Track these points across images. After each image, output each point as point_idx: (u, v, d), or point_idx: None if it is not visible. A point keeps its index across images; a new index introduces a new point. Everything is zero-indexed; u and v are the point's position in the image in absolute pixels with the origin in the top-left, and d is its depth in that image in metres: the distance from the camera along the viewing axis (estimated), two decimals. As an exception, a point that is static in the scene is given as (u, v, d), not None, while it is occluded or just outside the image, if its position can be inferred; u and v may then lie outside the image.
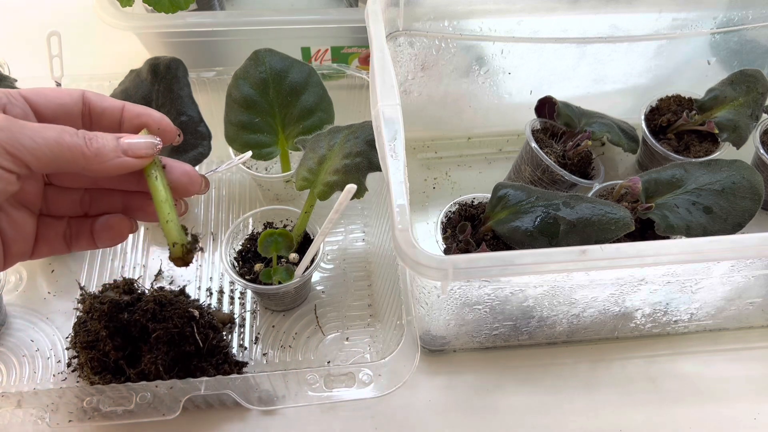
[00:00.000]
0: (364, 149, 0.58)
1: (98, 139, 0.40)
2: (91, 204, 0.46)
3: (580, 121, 0.71)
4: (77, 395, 0.52)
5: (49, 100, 0.41)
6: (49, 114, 0.42)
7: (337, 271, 0.70)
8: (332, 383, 0.53)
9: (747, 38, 0.76)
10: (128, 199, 0.47)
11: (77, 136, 0.39)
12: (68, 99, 0.42)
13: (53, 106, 0.42)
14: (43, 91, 0.42)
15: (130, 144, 0.41)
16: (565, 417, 0.61)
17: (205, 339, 0.57)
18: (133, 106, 0.45)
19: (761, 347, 0.66)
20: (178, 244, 0.45)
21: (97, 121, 0.44)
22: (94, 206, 0.46)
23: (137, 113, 0.44)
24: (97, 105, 0.43)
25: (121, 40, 0.86)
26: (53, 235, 0.45)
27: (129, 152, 0.41)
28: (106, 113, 0.44)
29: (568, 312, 0.58)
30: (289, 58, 0.68)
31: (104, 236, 0.46)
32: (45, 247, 0.45)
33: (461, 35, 0.70)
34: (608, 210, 0.55)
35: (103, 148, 0.40)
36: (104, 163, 0.40)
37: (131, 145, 0.41)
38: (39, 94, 0.41)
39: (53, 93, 0.42)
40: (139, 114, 0.44)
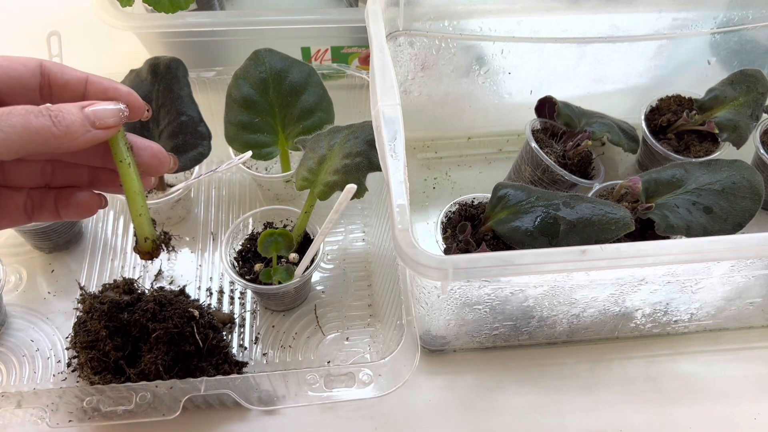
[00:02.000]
0: (364, 149, 0.58)
1: (65, 115, 0.36)
2: (53, 175, 0.43)
3: (580, 121, 0.71)
4: (77, 395, 0.52)
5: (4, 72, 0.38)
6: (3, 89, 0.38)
7: (337, 271, 0.70)
8: (332, 383, 0.53)
9: (747, 38, 0.76)
10: (95, 173, 0.45)
11: (43, 115, 0.36)
12: (24, 70, 0.39)
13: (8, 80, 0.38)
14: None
15: (96, 113, 0.38)
16: (565, 417, 0.61)
17: (205, 339, 0.57)
18: (98, 78, 0.41)
19: (761, 347, 0.66)
20: (149, 239, 0.45)
21: (57, 94, 0.41)
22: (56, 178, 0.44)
23: (103, 87, 0.41)
24: (58, 77, 0.40)
25: (121, 40, 0.86)
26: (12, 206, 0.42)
27: (96, 123, 0.38)
28: (69, 86, 0.40)
29: (568, 312, 0.58)
30: (289, 58, 0.68)
31: (71, 211, 0.44)
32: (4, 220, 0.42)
33: (461, 35, 0.70)
34: (608, 210, 0.55)
35: (72, 124, 0.37)
36: (75, 140, 0.37)
37: (97, 115, 0.38)
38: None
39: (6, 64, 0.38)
40: (105, 88, 0.41)
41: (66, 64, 0.41)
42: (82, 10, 0.93)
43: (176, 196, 0.68)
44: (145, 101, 0.63)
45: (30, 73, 0.39)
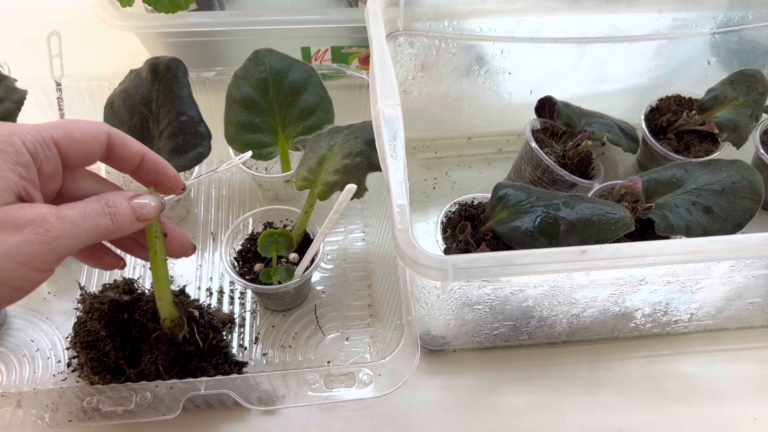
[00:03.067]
0: (364, 149, 0.58)
1: (119, 212, 0.43)
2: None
3: (580, 121, 0.71)
4: (77, 395, 0.52)
5: (79, 149, 0.43)
6: (74, 161, 0.43)
7: (337, 271, 0.70)
8: (332, 383, 0.53)
9: (747, 38, 0.76)
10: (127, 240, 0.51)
11: (105, 214, 0.42)
12: (96, 147, 0.44)
13: (80, 155, 0.43)
14: (73, 135, 0.42)
15: (142, 210, 0.45)
16: (565, 417, 0.61)
17: (204, 339, 0.57)
18: (153, 156, 0.47)
19: (761, 347, 0.66)
20: (168, 319, 0.53)
21: (115, 163, 0.46)
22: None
23: (155, 169, 0.48)
24: (119, 150, 0.45)
25: (121, 40, 0.86)
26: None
27: (140, 217, 0.45)
28: (127, 158, 0.46)
29: (568, 312, 0.58)
30: (289, 58, 0.68)
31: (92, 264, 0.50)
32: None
33: (461, 35, 0.70)
34: (608, 210, 0.55)
35: (125, 220, 0.43)
36: (124, 232, 0.44)
37: (141, 210, 0.45)
38: (69, 140, 0.42)
39: (83, 139, 0.43)
40: (156, 169, 0.48)
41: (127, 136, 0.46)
42: (82, 10, 0.92)
43: (176, 196, 0.68)
44: (145, 101, 0.65)
45: (99, 146, 0.44)
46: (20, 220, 0.38)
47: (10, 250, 0.37)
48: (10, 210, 0.38)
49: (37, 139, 0.40)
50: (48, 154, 0.41)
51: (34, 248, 0.38)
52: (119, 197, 0.44)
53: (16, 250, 0.37)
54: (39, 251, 0.38)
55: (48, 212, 0.39)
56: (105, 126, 0.45)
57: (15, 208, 0.38)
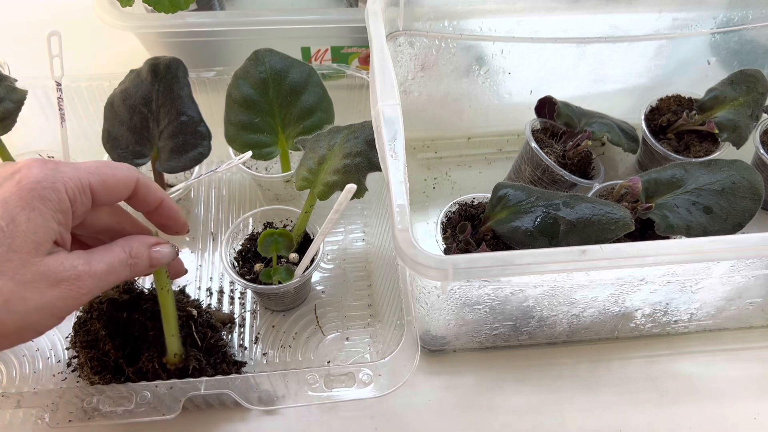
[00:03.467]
0: (364, 149, 0.58)
1: (139, 263, 0.46)
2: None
3: (580, 121, 0.71)
4: (77, 395, 0.52)
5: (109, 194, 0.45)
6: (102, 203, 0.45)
7: (337, 271, 0.70)
8: (332, 383, 0.53)
9: (747, 38, 0.76)
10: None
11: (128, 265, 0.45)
12: (124, 192, 0.47)
13: (109, 199, 0.46)
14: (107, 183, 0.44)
15: (159, 259, 0.48)
16: (565, 417, 0.61)
17: (203, 338, 0.57)
18: (170, 204, 0.51)
19: (761, 347, 0.66)
20: (177, 354, 0.55)
21: (134, 204, 0.49)
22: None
23: (168, 215, 0.51)
24: (142, 196, 0.48)
25: (121, 40, 0.86)
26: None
27: (155, 264, 0.48)
28: (146, 204, 0.49)
29: (568, 312, 0.58)
30: (289, 58, 0.68)
31: None
32: None
33: (461, 35, 0.70)
34: (608, 210, 0.55)
35: (141, 269, 0.47)
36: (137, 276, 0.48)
37: (159, 258, 0.48)
38: (103, 186, 0.44)
39: (114, 186, 0.45)
40: (169, 215, 0.51)
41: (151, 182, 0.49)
42: (82, 10, 0.92)
43: (176, 196, 0.68)
44: (145, 101, 0.65)
45: (126, 192, 0.47)
46: (59, 275, 0.41)
47: (47, 304, 0.40)
48: (51, 263, 0.40)
49: (77, 186, 0.42)
50: (83, 200, 0.43)
51: (68, 302, 0.41)
52: (142, 246, 0.47)
53: (53, 303, 0.40)
54: (70, 305, 0.41)
55: (83, 269, 0.42)
56: (135, 174, 0.47)
57: (55, 262, 0.41)
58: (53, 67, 0.66)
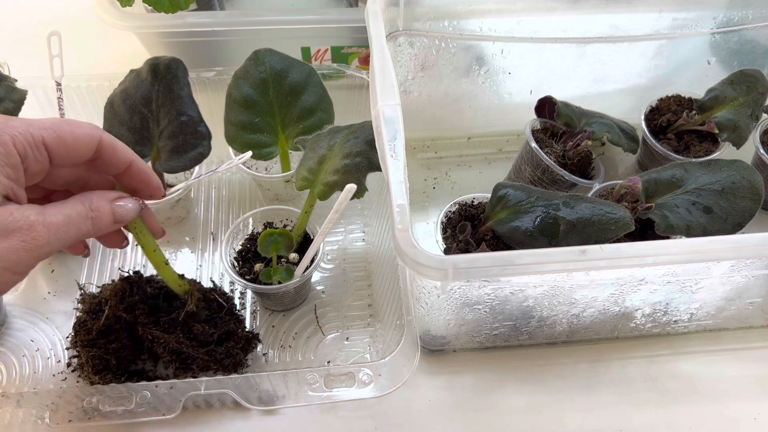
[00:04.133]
0: (364, 149, 0.58)
1: (101, 217, 0.44)
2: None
3: (580, 121, 0.71)
4: (77, 395, 0.52)
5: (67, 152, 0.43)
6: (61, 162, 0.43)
7: (337, 271, 0.70)
8: (332, 383, 0.53)
9: (747, 38, 0.76)
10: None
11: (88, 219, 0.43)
12: (85, 152, 0.44)
13: (68, 158, 0.43)
14: (64, 139, 0.42)
15: (121, 213, 0.46)
16: (565, 417, 0.61)
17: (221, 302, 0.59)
18: (140, 164, 0.48)
19: (761, 347, 0.66)
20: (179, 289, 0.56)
21: (100, 166, 0.47)
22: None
23: (139, 177, 0.48)
24: (107, 157, 0.46)
25: (121, 40, 0.86)
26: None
27: (118, 220, 0.46)
28: (112, 166, 0.47)
29: (568, 312, 0.58)
30: (289, 58, 0.68)
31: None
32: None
33: (461, 35, 0.70)
34: (608, 210, 0.55)
35: (104, 224, 0.45)
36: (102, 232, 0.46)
37: (121, 215, 0.46)
38: (60, 143, 0.42)
39: (73, 144, 0.43)
40: (140, 177, 0.48)
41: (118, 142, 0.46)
42: (82, 10, 0.93)
43: (176, 196, 0.68)
44: (145, 101, 0.65)
45: (88, 151, 0.44)
46: (9, 226, 0.38)
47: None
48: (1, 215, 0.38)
49: (28, 140, 0.40)
50: (37, 156, 0.41)
51: (21, 254, 0.39)
52: (102, 200, 0.45)
53: (3, 255, 0.38)
54: (24, 257, 0.39)
55: (36, 219, 0.39)
56: (97, 132, 0.44)
57: (4, 213, 0.38)
58: (53, 67, 0.66)
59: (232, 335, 0.58)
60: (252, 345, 0.61)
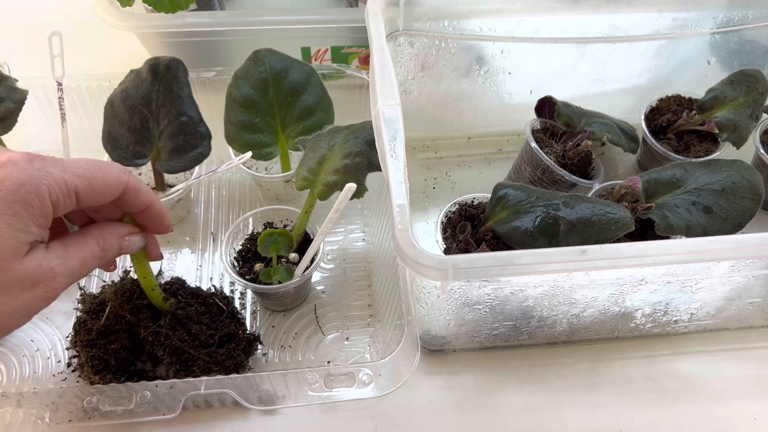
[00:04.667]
0: (364, 149, 0.58)
1: (108, 255, 0.47)
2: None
3: (580, 121, 0.71)
4: (77, 395, 0.52)
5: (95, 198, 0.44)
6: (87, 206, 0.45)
7: (337, 271, 0.70)
8: (332, 383, 0.53)
9: (747, 38, 0.76)
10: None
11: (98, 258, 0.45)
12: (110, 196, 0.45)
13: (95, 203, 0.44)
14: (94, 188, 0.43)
15: (127, 247, 0.48)
16: (565, 417, 0.61)
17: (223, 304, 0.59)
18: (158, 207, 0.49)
19: (761, 347, 0.66)
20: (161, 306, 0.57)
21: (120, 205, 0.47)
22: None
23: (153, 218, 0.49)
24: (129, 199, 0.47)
25: (121, 40, 0.86)
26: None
27: (123, 252, 0.48)
28: (134, 206, 0.48)
29: (568, 312, 0.58)
30: (289, 58, 0.68)
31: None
32: None
33: (461, 35, 0.70)
34: (608, 210, 0.55)
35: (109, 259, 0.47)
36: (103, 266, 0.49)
37: (128, 248, 0.49)
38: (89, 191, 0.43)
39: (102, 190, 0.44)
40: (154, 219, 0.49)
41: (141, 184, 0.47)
42: (82, 10, 0.92)
43: (176, 196, 0.68)
44: (145, 101, 0.65)
45: (113, 196, 0.45)
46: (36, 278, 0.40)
47: (21, 306, 0.40)
48: (29, 266, 0.40)
49: (62, 190, 0.41)
50: (68, 203, 0.42)
51: (41, 304, 0.41)
52: (114, 238, 0.47)
53: (27, 306, 0.40)
54: (43, 306, 0.41)
55: (59, 270, 0.41)
56: (125, 177, 0.45)
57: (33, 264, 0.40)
58: (54, 67, 0.66)
59: (233, 337, 0.58)
60: (253, 347, 0.61)
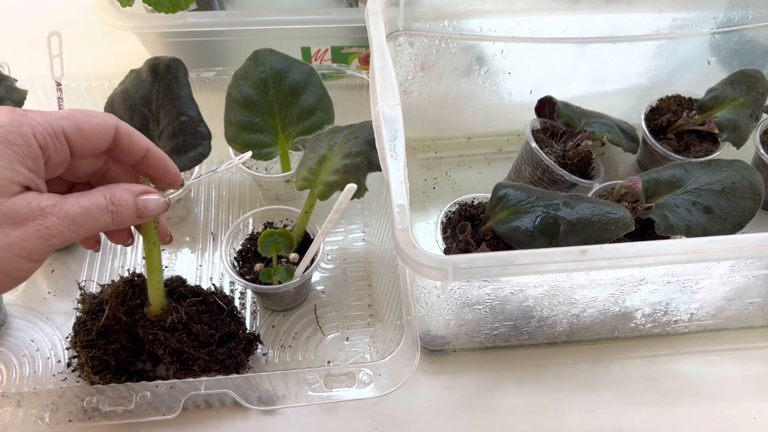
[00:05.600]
0: (364, 149, 0.58)
1: (122, 211, 0.44)
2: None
3: (580, 121, 0.71)
4: (77, 395, 0.52)
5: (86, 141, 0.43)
6: (81, 152, 0.44)
7: (337, 271, 0.70)
8: (332, 383, 0.53)
9: (747, 38, 0.76)
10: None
11: (108, 212, 0.43)
12: (103, 140, 0.44)
13: (88, 147, 0.43)
14: (82, 128, 0.42)
15: (146, 205, 0.45)
16: (565, 417, 0.61)
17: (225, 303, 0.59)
18: (157, 152, 0.48)
19: (761, 347, 0.66)
20: (158, 306, 0.55)
21: (118, 155, 0.47)
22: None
23: (157, 165, 0.48)
24: (125, 144, 0.46)
25: (121, 40, 0.86)
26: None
27: (143, 214, 0.45)
28: (131, 154, 0.47)
29: (568, 312, 0.58)
30: (289, 58, 0.68)
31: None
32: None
33: (461, 35, 0.70)
34: (608, 210, 0.55)
35: (126, 218, 0.44)
36: (121, 227, 0.45)
37: (147, 207, 0.45)
38: (78, 132, 0.42)
39: (91, 132, 0.43)
40: (158, 165, 0.48)
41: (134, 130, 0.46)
42: (82, 10, 0.93)
43: (176, 196, 0.68)
44: (145, 101, 0.65)
45: (106, 139, 0.44)
46: (24, 215, 0.39)
47: (12, 243, 0.38)
48: (17, 203, 0.39)
49: (47, 131, 0.40)
50: (58, 146, 0.41)
51: (35, 242, 0.39)
52: (126, 194, 0.44)
53: (19, 243, 0.39)
54: (39, 245, 0.39)
55: (51, 209, 0.39)
56: (113, 119, 0.44)
57: (22, 202, 0.39)
58: (53, 67, 0.66)
59: (233, 337, 0.58)
60: (253, 346, 0.61)
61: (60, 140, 0.41)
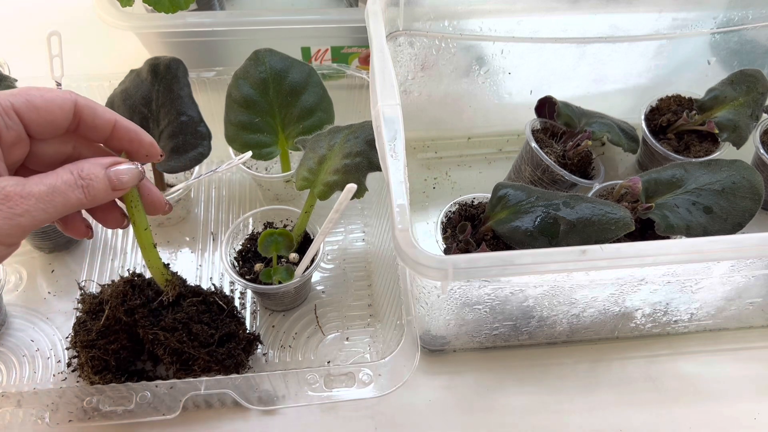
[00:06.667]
0: (364, 149, 0.58)
1: (93, 185, 0.41)
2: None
3: (580, 121, 0.71)
4: (77, 395, 0.52)
5: (42, 117, 0.41)
6: (38, 130, 0.42)
7: (337, 271, 0.70)
8: (332, 383, 0.53)
9: (747, 38, 0.76)
10: None
11: (78, 187, 0.41)
12: (61, 116, 0.42)
13: (45, 124, 0.41)
14: (35, 103, 0.41)
15: (118, 176, 0.43)
16: (565, 417, 0.61)
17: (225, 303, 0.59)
18: (125, 123, 0.45)
19: (761, 347, 0.66)
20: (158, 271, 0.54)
21: (84, 132, 0.44)
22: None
23: (128, 136, 0.45)
24: (88, 120, 0.43)
25: (121, 40, 0.86)
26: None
27: (117, 186, 0.43)
28: (97, 127, 0.44)
29: (568, 312, 0.58)
30: (289, 58, 0.68)
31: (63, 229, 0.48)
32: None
33: (461, 35, 0.70)
34: (608, 210, 0.55)
35: (98, 192, 0.42)
36: (97, 203, 0.43)
37: (119, 178, 0.43)
38: (31, 108, 0.40)
39: (45, 106, 0.41)
40: (129, 137, 0.45)
41: (97, 104, 0.44)
42: (82, 10, 0.93)
43: (176, 196, 0.68)
44: (145, 101, 0.65)
45: (64, 115, 0.42)
46: None
47: None
48: None
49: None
50: (8, 122, 0.40)
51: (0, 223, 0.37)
52: (95, 166, 0.42)
53: None
54: (5, 226, 0.38)
55: (12, 189, 0.38)
56: (72, 95, 0.43)
57: None
58: (53, 67, 0.66)
59: (233, 336, 0.58)
60: (253, 346, 0.61)
61: (10, 116, 0.39)
